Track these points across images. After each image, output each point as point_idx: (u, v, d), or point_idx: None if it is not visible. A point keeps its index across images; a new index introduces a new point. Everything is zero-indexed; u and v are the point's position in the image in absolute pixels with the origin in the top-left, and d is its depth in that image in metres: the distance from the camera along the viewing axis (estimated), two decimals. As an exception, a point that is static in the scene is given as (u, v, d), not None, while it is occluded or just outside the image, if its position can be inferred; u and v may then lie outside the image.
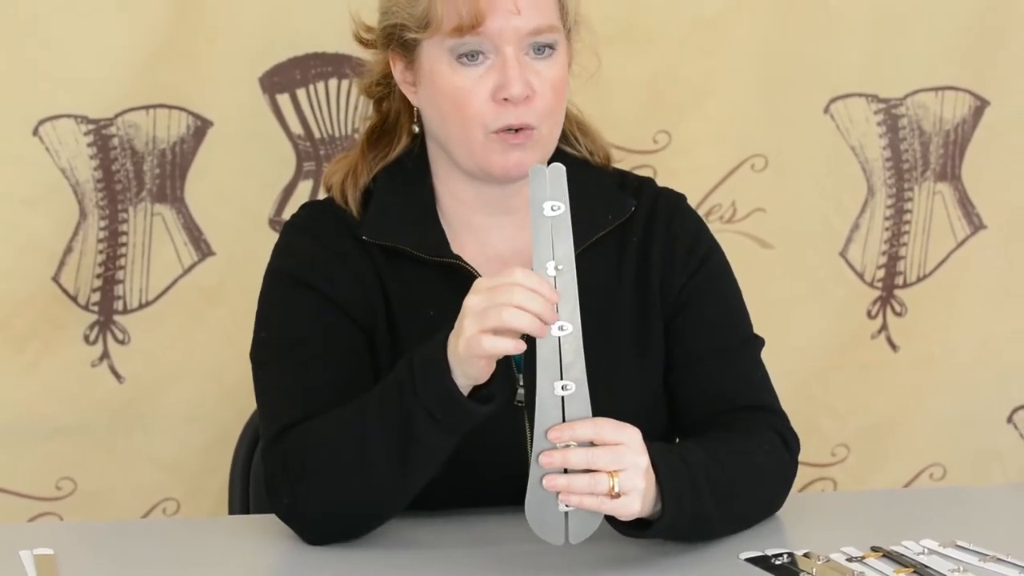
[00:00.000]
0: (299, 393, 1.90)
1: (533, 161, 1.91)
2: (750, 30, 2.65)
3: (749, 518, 1.91)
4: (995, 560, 1.80)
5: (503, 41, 1.87)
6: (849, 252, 2.76)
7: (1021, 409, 2.85)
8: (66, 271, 2.49)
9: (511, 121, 1.88)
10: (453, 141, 1.92)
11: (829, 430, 2.77)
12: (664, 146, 2.66)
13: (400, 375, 1.78)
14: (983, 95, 2.75)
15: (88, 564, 1.80)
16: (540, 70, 1.89)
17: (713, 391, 1.98)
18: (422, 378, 1.75)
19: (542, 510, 1.69)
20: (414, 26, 1.89)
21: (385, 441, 1.78)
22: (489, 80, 1.88)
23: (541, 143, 1.92)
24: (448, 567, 1.78)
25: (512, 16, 1.86)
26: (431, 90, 1.91)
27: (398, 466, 1.79)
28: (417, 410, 1.75)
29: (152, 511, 2.56)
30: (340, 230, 1.97)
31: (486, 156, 1.90)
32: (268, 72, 2.53)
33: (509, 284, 1.70)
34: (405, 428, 1.77)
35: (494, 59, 1.88)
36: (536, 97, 1.88)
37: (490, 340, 1.69)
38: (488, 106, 1.88)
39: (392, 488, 1.82)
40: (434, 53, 1.89)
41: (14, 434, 2.49)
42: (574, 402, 1.72)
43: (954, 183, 2.77)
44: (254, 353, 1.96)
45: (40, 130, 2.44)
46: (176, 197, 2.52)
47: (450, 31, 1.86)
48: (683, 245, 2.01)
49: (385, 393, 1.79)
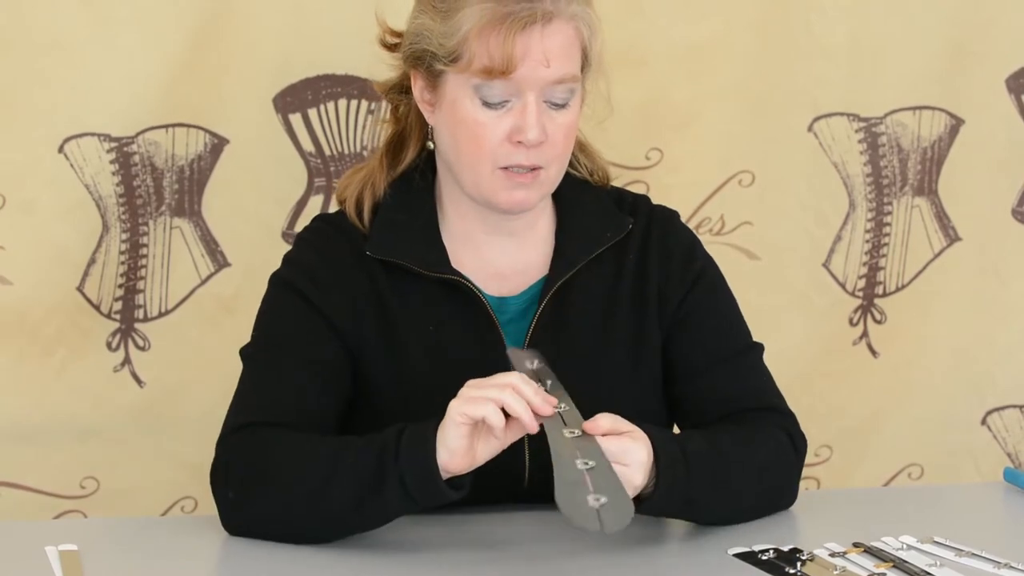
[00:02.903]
0: (268, 393, 1.90)
1: (537, 198, 1.92)
2: (738, 55, 2.65)
3: (747, 509, 1.90)
4: (970, 555, 1.80)
5: (528, 88, 1.86)
6: (832, 263, 2.76)
7: (995, 411, 2.85)
8: (90, 281, 2.49)
9: (521, 161, 1.88)
10: (463, 169, 1.91)
11: (813, 431, 2.73)
12: (656, 162, 2.66)
13: (386, 439, 1.76)
14: (958, 114, 2.75)
15: (110, 559, 1.81)
16: (555, 116, 1.89)
17: (720, 398, 1.98)
18: (407, 451, 1.73)
19: (574, 502, 1.62)
20: (444, 56, 1.88)
21: (350, 484, 1.77)
22: (508, 121, 1.87)
23: (547, 183, 1.92)
24: (448, 566, 1.77)
25: (540, 67, 1.86)
26: (450, 118, 1.90)
27: (352, 510, 1.78)
28: (392, 473, 1.74)
29: (171, 508, 2.56)
30: (344, 245, 1.97)
31: (492, 190, 1.90)
32: (281, 93, 2.53)
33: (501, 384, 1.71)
34: (374, 482, 1.75)
35: (514, 102, 1.87)
36: (548, 143, 1.88)
37: (480, 403, 1.70)
38: (503, 146, 1.88)
39: (336, 525, 1.80)
40: (460, 86, 1.88)
41: (41, 435, 2.48)
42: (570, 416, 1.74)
43: (931, 197, 2.78)
44: (243, 350, 1.97)
45: (65, 148, 2.44)
46: (194, 211, 2.52)
47: (479, 71, 1.85)
48: (678, 261, 2.01)
49: (365, 448, 1.77)
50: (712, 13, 2.64)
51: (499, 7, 1.84)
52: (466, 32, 1.85)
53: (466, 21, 1.86)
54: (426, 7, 1.91)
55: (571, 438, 1.70)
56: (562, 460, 1.66)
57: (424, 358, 1.94)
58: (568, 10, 1.87)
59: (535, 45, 1.85)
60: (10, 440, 2.47)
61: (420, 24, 1.91)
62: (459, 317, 1.95)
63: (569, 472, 1.64)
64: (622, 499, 1.63)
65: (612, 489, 1.63)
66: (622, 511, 1.61)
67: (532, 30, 1.84)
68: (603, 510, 1.60)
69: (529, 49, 1.84)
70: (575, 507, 1.60)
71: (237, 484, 1.84)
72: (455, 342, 1.95)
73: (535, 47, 1.85)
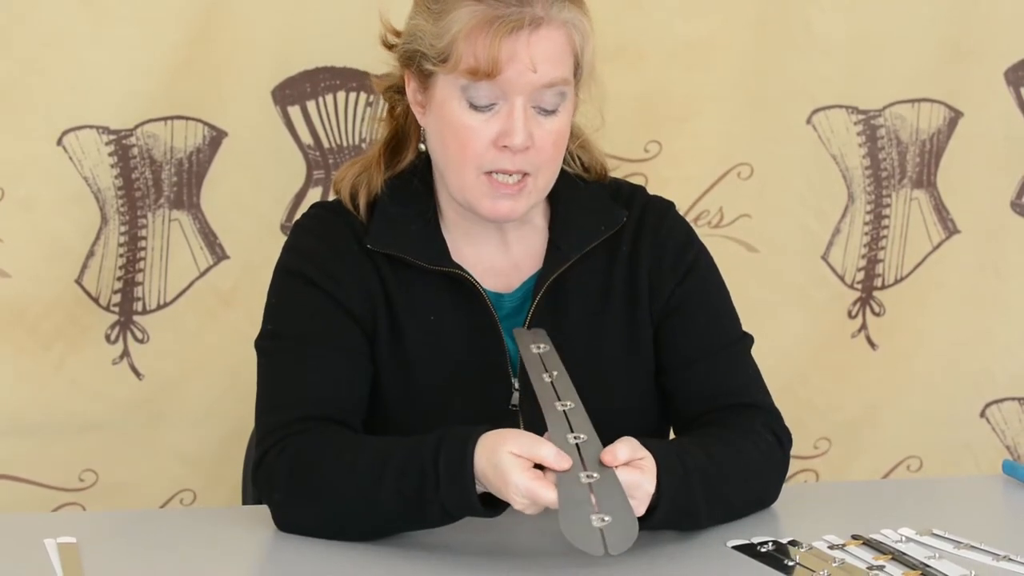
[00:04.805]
0: (300, 387, 1.89)
1: (525, 208, 1.91)
2: (737, 48, 2.65)
3: (739, 510, 1.90)
4: (969, 547, 1.80)
5: (515, 92, 1.85)
6: (830, 255, 2.76)
7: (994, 404, 2.85)
8: (88, 274, 2.48)
9: (507, 166, 1.87)
10: (449, 171, 1.91)
11: (812, 424, 2.76)
12: (655, 155, 2.66)
13: (424, 466, 1.75)
14: (957, 107, 2.75)
15: (109, 552, 1.80)
16: (543, 122, 1.88)
17: (707, 391, 1.98)
18: (447, 486, 1.73)
19: (578, 525, 1.61)
20: (434, 57, 1.87)
21: (393, 506, 1.78)
22: (494, 125, 1.86)
23: (534, 193, 1.91)
24: (447, 563, 1.77)
25: (527, 72, 1.85)
26: (438, 119, 1.90)
27: (395, 524, 1.80)
28: (434, 501, 1.74)
29: (170, 501, 2.56)
30: (346, 233, 1.97)
31: (476, 196, 1.89)
32: (280, 85, 2.52)
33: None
34: (416, 510, 1.76)
35: (502, 105, 1.86)
36: (534, 148, 1.87)
37: (524, 503, 1.69)
38: (488, 150, 1.87)
39: (379, 534, 1.82)
40: (448, 88, 1.87)
41: (39, 428, 2.48)
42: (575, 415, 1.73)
43: (930, 190, 2.77)
44: (259, 343, 1.96)
45: (64, 140, 2.44)
46: (192, 204, 2.52)
47: (465, 72, 1.85)
48: (671, 252, 2.01)
49: (407, 473, 1.76)
50: (711, 5, 2.63)
51: (489, 10, 1.84)
52: (455, 33, 1.85)
53: (456, 22, 1.85)
54: (421, 8, 1.91)
55: (575, 443, 1.69)
56: (566, 478, 1.65)
57: (425, 348, 1.94)
58: (560, 16, 1.86)
59: (521, 50, 1.84)
60: (9, 433, 2.47)
61: (415, 25, 1.91)
62: (459, 310, 1.95)
63: (572, 490, 1.63)
64: (627, 518, 1.62)
65: (617, 506, 1.62)
66: (626, 531, 1.61)
67: (519, 35, 1.84)
68: (607, 530, 1.59)
69: (515, 53, 1.84)
70: (578, 529, 1.59)
71: (282, 491, 1.84)
72: (455, 334, 1.94)
73: (521, 52, 1.84)
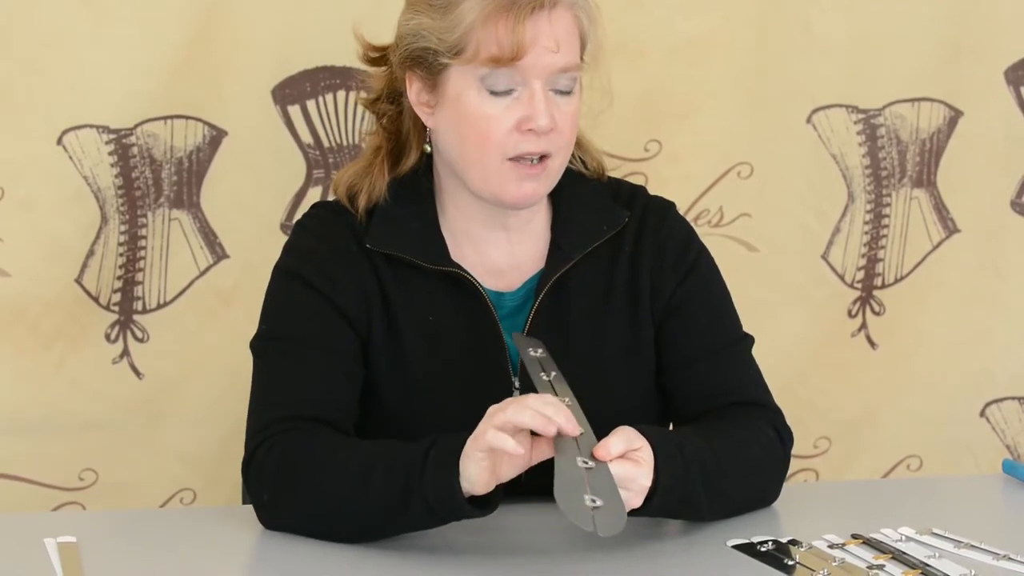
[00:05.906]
0: (292, 388, 1.89)
1: (544, 191, 1.92)
2: (737, 47, 2.65)
3: (740, 505, 1.90)
4: (969, 547, 1.80)
5: (534, 76, 1.85)
6: (830, 255, 2.75)
7: (994, 403, 2.84)
8: (88, 273, 2.48)
9: (531, 149, 1.87)
10: (470, 165, 1.90)
11: (812, 423, 2.76)
12: (655, 154, 2.65)
13: (413, 459, 1.75)
14: (957, 106, 2.74)
15: (109, 551, 1.80)
16: (560, 104, 1.88)
17: (708, 391, 1.98)
18: (431, 475, 1.72)
19: (572, 500, 1.62)
20: (446, 51, 1.87)
21: (378, 501, 1.77)
22: (516, 111, 1.87)
23: (553, 174, 1.92)
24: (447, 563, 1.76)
25: (549, 53, 1.85)
26: (454, 114, 1.89)
27: (380, 525, 1.79)
28: (417, 497, 1.73)
29: (170, 501, 2.55)
30: (346, 233, 1.97)
31: (501, 184, 1.89)
32: (280, 84, 2.52)
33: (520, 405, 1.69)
34: (400, 504, 1.75)
35: (520, 91, 1.86)
36: (556, 130, 1.88)
37: (493, 433, 1.67)
38: (511, 136, 1.87)
39: (365, 535, 1.81)
40: (463, 79, 1.87)
41: (39, 427, 2.48)
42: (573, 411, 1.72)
43: (930, 189, 2.77)
44: (255, 343, 1.96)
45: (64, 140, 2.44)
46: (192, 203, 2.51)
47: (486, 60, 1.85)
48: (672, 252, 2.01)
49: (393, 469, 1.76)
50: (712, 3, 2.63)
51: None
52: (470, 23, 1.85)
53: (469, 12, 1.85)
54: (421, 7, 1.90)
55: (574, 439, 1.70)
56: (565, 456, 1.66)
57: (423, 347, 1.94)
58: None
59: (544, 30, 1.85)
60: (9, 432, 2.47)
61: (416, 24, 1.90)
62: (459, 309, 1.95)
63: (569, 469, 1.64)
64: (617, 506, 1.63)
65: (608, 494, 1.63)
66: (616, 518, 1.62)
67: (540, 15, 1.84)
68: (598, 513, 1.61)
69: (538, 34, 1.84)
70: (572, 503, 1.61)
71: (271, 490, 1.84)
72: (454, 334, 1.94)
73: (544, 32, 1.84)
